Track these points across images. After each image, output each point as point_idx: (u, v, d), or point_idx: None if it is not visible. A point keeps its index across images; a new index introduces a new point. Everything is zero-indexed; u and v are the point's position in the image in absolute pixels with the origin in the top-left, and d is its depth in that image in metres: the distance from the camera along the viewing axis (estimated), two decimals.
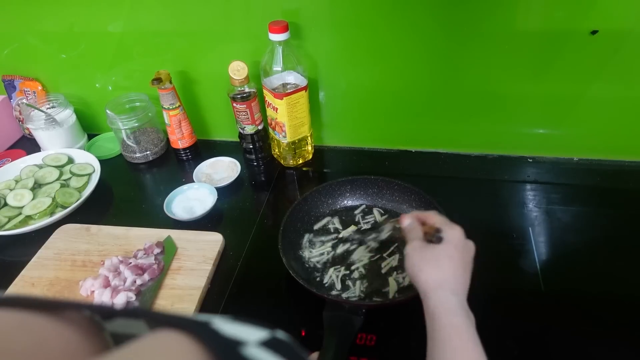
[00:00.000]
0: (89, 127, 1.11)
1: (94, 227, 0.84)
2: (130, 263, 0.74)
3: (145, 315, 0.21)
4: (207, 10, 0.86)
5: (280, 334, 0.24)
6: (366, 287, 0.70)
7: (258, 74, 0.88)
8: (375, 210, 0.83)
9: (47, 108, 1.02)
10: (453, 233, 0.54)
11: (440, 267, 0.51)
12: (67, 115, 1.02)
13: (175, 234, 0.80)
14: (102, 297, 0.70)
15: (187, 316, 0.21)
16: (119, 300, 0.68)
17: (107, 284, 0.71)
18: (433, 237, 0.55)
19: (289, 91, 0.84)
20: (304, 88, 0.86)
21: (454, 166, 0.95)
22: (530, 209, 0.83)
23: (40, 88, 1.06)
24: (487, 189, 0.89)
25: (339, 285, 0.70)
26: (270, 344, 0.22)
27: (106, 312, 0.22)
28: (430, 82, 0.88)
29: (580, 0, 0.73)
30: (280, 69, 0.84)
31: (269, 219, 0.86)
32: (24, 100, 1.05)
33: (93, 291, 0.71)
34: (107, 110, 0.96)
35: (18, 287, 0.74)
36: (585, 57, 0.79)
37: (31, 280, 0.75)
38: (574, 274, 0.72)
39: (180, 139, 0.99)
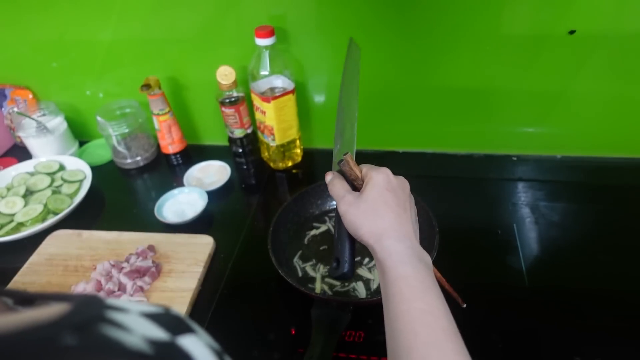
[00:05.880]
0: (80, 134, 1.12)
1: (85, 233, 0.84)
2: (124, 268, 0.75)
3: (57, 297, 0.21)
4: (194, 18, 0.88)
5: (174, 311, 0.24)
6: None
7: (246, 79, 0.89)
8: None
9: (38, 116, 1.02)
10: (380, 176, 0.49)
11: (380, 216, 0.46)
12: (58, 122, 1.03)
13: (166, 238, 0.81)
14: None
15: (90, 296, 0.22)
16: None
17: (99, 288, 0.72)
18: (359, 179, 0.51)
19: (276, 95, 0.86)
20: (292, 91, 0.87)
21: (440, 166, 0.97)
22: (515, 206, 0.85)
23: (31, 96, 1.06)
24: (473, 188, 0.91)
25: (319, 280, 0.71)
26: (153, 315, 0.22)
27: (26, 298, 0.22)
28: (416, 83, 0.90)
29: (559, 2, 0.75)
30: (267, 73, 0.86)
31: (259, 221, 0.87)
32: (15, 109, 1.06)
33: None
34: (98, 117, 0.97)
35: None
36: (564, 56, 0.81)
37: (23, 286, 0.76)
38: (558, 269, 0.74)
39: (171, 144, 1.01)
